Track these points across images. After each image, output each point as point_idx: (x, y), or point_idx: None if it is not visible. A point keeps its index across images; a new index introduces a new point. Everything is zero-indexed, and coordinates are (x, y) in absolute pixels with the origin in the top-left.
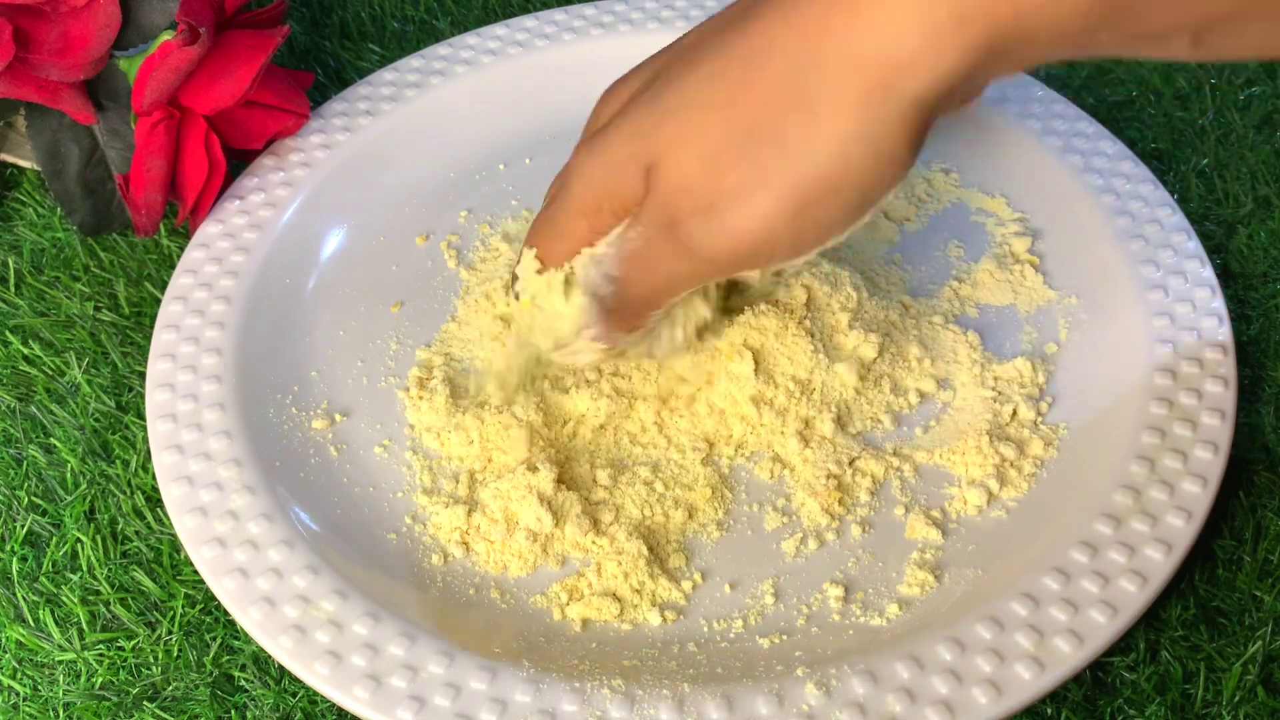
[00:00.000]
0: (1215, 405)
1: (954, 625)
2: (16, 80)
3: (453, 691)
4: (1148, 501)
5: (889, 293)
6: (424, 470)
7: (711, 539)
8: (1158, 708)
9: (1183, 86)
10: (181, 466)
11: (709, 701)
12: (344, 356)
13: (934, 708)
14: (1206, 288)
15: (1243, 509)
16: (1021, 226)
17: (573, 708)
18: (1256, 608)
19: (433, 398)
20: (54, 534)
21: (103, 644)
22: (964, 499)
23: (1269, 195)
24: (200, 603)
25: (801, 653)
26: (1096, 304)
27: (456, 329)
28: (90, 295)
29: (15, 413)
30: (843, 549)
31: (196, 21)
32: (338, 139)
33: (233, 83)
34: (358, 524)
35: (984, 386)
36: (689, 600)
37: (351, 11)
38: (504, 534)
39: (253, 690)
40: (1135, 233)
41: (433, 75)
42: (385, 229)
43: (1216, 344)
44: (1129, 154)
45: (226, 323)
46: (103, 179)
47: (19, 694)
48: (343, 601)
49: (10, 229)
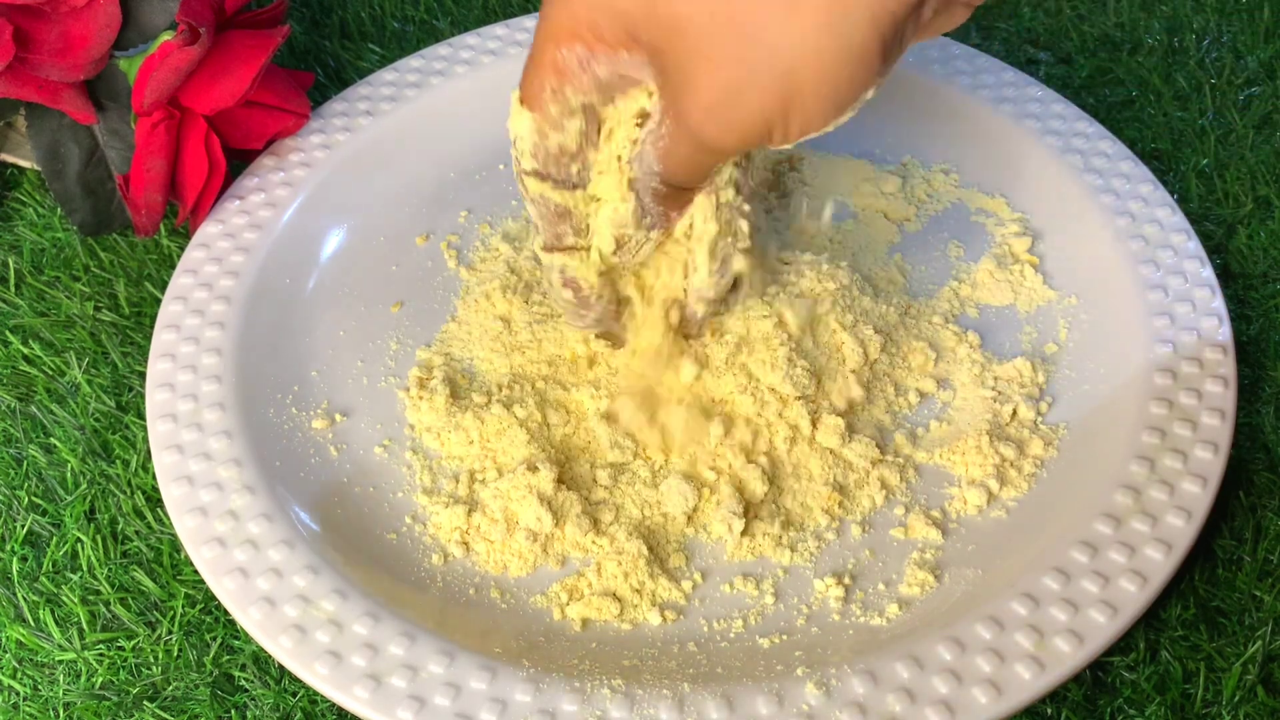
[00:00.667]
0: (1215, 405)
1: (954, 625)
2: (16, 80)
3: (453, 691)
4: (1148, 501)
5: (889, 293)
6: (424, 470)
7: (711, 539)
8: (1158, 708)
9: (1183, 87)
10: (181, 466)
11: (709, 701)
12: (344, 356)
13: (934, 708)
14: (1206, 288)
15: (1243, 509)
16: (1021, 226)
17: (573, 708)
18: (1256, 608)
19: (433, 398)
20: (54, 534)
21: (103, 644)
22: (964, 499)
23: (1269, 195)
24: (200, 603)
25: (801, 653)
26: (1096, 304)
27: (456, 329)
28: (90, 295)
29: (15, 413)
30: (843, 549)
31: (196, 21)
32: (338, 139)
33: (233, 83)
34: (358, 524)
35: (984, 386)
36: (689, 600)
37: (351, 11)
38: (504, 534)
39: (253, 690)
40: (1135, 233)
41: (433, 75)
42: (385, 229)
43: (1216, 344)
44: (1129, 154)
45: (226, 323)
46: (103, 179)
47: (19, 694)
48: (343, 601)
49: (10, 229)
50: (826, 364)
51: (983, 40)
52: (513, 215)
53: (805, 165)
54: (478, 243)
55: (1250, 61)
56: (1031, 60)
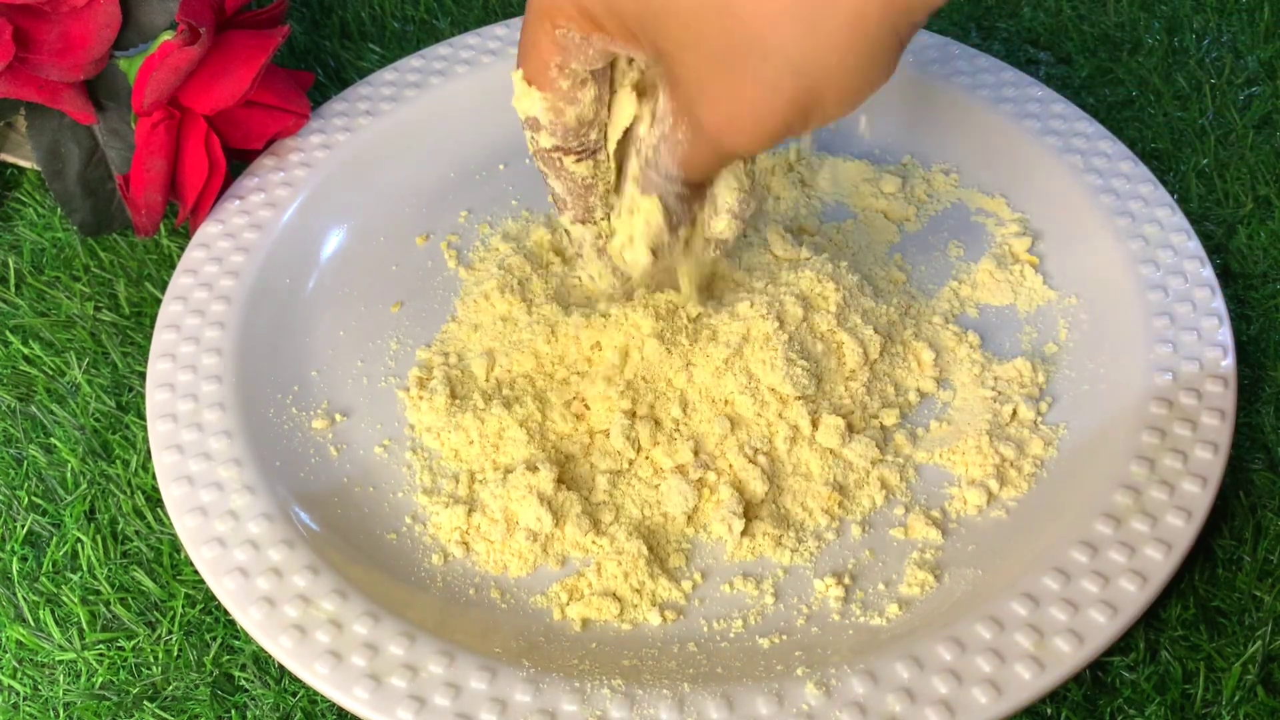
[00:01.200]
0: (1215, 405)
1: (954, 625)
2: (17, 80)
3: (453, 691)
4: (1148, 501)
5: (889, 293)
6: (424, 470)
7: (711, 539)
8: (1158, 708)
9: (1183, 87)
10: (181, 466)
11: (709, 701)
12: (344, 356)
13: (934, 708)
14: (1206, 288)
15: (1243, 509)
16: (1021, 226)
17: (573, 708)
18: (1256, 608)
19: (433, 398)
20: (54, 534)
21: (103, 644)
22: (964, 499)
23: (1269, 195)
24: (200, 603)
25: (801, 653)
26: (1096, 304)
27: (456, 329)
28: (90, 295)
29: (15, 413)
30: (843, 549)
31: (196, 21)
32: (338, 139)
33: (233, 83)
34: (358, 524)
35: (984, 386)
36: (689, 600)
37: (351, 11)
38: (504, 534)
39: (253, 690)
40: (1135, 233)
41: (433, 75)
42: (385, 229)
43: (1216, 344)
44: (1128, 154)
45: (227, 323)
46: (103, 179)
47: (19, 694)
48: (343, 601)
49: (10, 229)
50: (826, 364)
51: (983, 40)
52: (512, 215)
53: (805, 166)
54: (478, 243)
55: (1250, 61)
56: (1031, 60)
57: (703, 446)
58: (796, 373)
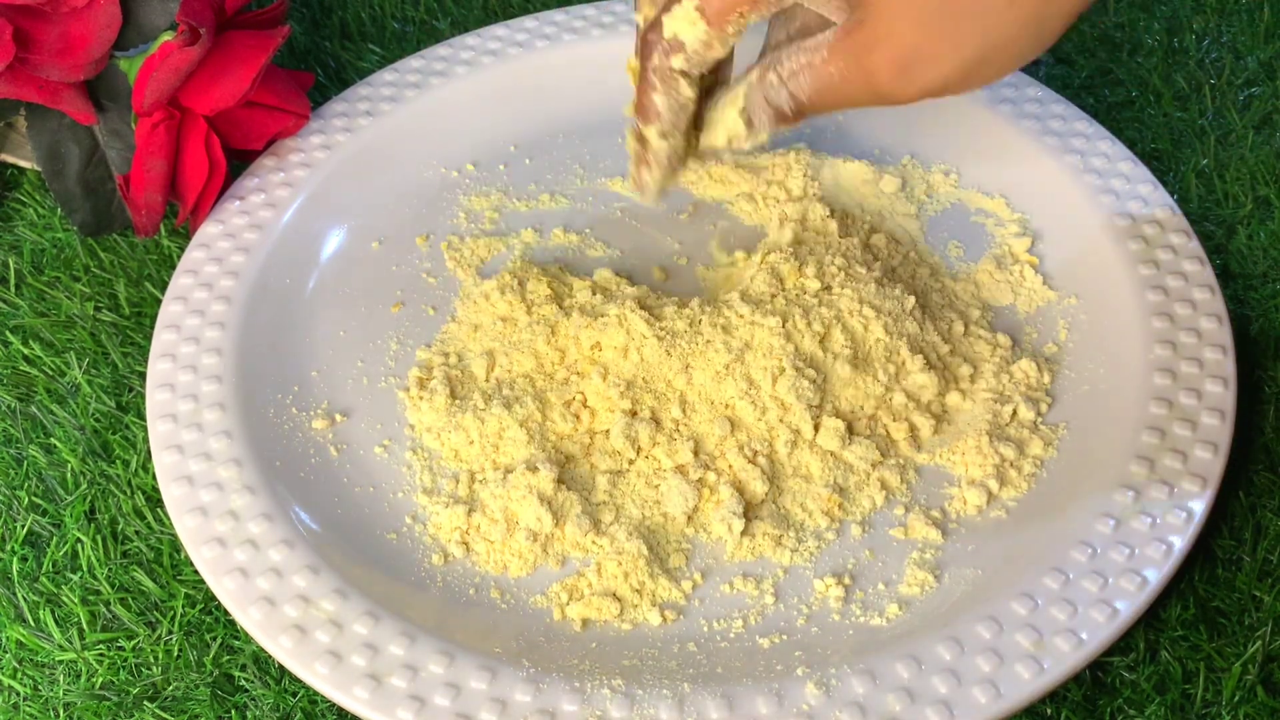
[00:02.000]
0: (1215, 405)
1: (954, 625)
2: (17, 80)
3: (453, 691)
4: (1148, 501)
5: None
6: (424, 470)
7: (711, 539)
8: (1158, 708)
9: (1183, 87)
10: (181, 466)
11: (709, 701)
12: (344, 356)
13: (934, 707)
14: (1206, 288)
15: (1243, 509)
16: (1021, 226)
17: (573, 707)
18: (1256, 608)
19: (433, 398)
20: (54, 534)
21: (103, 644)
22: (964, 499)
23: (1269, 195)
24: (200, 603)
25: (801, 652)
26: (1096, 304)
27: (456, 329)
28: (90, 295)
29: (15, 413)
30: (843, 549)
31: (197, 22)
32: (338, 139)
33: (233, 83)
34: (358, 524)
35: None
36: (689, 600)
37: (351, 11)
38: (504, 534)
39: (253, 690)
40: (1135, 233)
41: (433, 75)
42: (385, 229)
43: (1216, 344)
44: (1128, 154)
45: (227, 323)
46: (103, 179)
47: (19, 694)
48: (343, 601)
49: (10, 229)
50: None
51: None
52: (513, 215)
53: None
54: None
55: (1250, 61)
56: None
57: (703, 447)
58: (802, 385)
